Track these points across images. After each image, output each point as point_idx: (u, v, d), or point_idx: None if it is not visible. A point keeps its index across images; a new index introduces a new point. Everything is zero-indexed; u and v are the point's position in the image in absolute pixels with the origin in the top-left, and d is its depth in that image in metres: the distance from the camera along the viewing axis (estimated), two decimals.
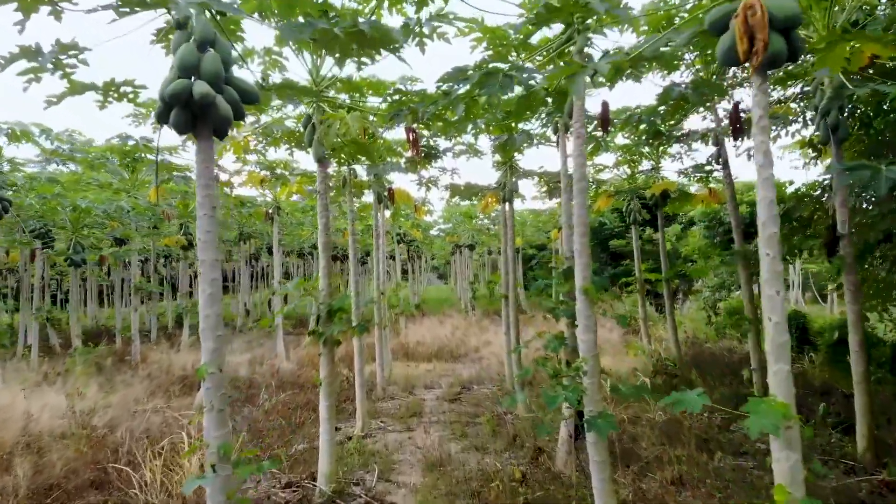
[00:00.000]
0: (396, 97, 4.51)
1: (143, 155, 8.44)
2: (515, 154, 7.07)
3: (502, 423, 6.63)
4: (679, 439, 5.62)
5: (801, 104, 7.41)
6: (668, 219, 17.12)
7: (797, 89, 7.33)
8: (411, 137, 4.92)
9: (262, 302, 25.18)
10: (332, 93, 4.88)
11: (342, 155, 5.52)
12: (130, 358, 11.44)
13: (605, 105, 4.20)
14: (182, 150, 9.14)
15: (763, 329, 2.58)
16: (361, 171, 8.99)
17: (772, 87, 6.70)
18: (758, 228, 2.47)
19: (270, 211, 11.79)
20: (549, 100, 4.62)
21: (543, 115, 5.62)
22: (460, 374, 9.98)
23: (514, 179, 7.12)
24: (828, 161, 6.38)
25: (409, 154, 5.08)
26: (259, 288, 26.14)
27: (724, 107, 7.38)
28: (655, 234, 16.01)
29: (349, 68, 7.11)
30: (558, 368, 3.78)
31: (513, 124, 5.54)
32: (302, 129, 4.92)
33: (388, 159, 6.55)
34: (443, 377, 9.85)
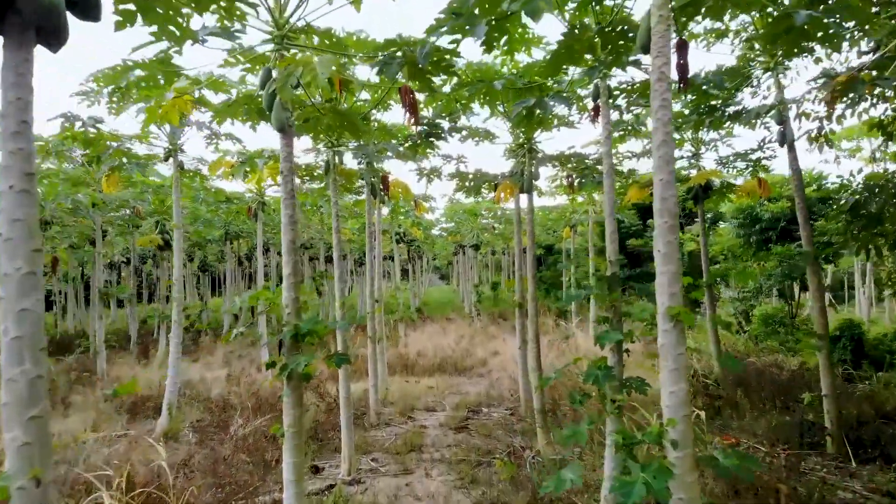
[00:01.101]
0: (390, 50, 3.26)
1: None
2: (535, 136, 5.81)
3: (521, 464, 5.37)
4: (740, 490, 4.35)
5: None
6: (689, 216, 15.80)
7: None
8: (408, 100, 3.66)
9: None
10: (303, 43, 3.63)
11: (319, 130, 4.26)
12: (97, 373, 10.22)
13: (683, 46, 2.93)
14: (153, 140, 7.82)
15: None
16: (354, 162, 7.74)
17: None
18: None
19: (254, 206, 10.54)
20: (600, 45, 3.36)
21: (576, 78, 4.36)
22: (467, 393, 8.72)
23: (534, 165, 5.85)
24: None
25: (407, 124, 3.82)
26: (253, 290, 24.94)
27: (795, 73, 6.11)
28: (682, 233, 14.71)
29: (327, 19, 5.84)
30: (626, 432, 2.51)
31: (546, 82, 4.27)
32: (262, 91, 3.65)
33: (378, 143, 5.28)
34: (447, 396, 8.60)
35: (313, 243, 16.31)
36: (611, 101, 4.22)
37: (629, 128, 6.87)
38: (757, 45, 6.20)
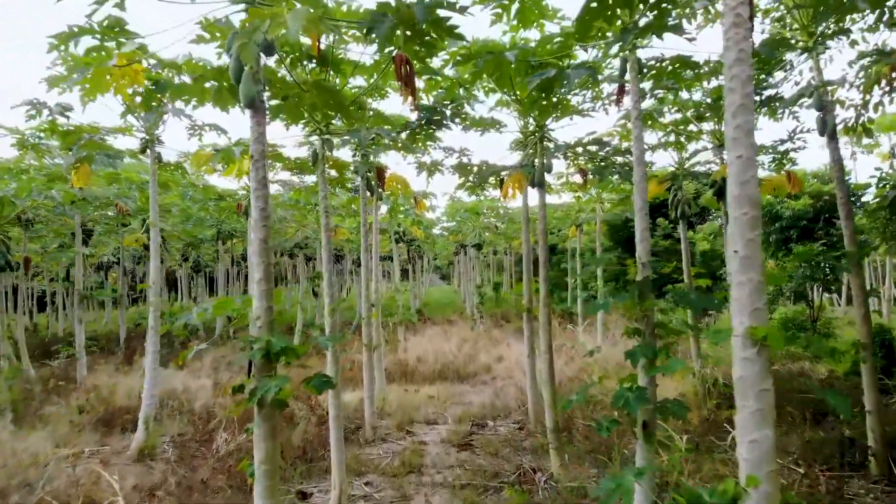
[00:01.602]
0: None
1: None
2: (548, 123, 5.20)
3: (533, 489, 4.78)
4: None
5: None
6: (699, 213, 15.20)
7: None
8: (403, 72, 3.07)
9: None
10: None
11: (301, 110, 3.67)
12: (77, 381, 9.64)
13: None
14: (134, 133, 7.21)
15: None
16: (349, 154, 7.15)
17: None
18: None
19: (245, 203, 9.94)
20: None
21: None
22: (470, 403, 8.13)
23: (546, 156, 5.25)
24: None
25: (404, 101, 3.22)
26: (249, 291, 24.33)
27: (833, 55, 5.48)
28: (692, 232, 14.17)
29: None
30: (692, 491, 1.91)
31: (561, 62, 3.67)
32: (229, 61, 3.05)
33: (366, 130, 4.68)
34: (449, 406, 8.01)
35: (308, 243, 15.72)
36: (640, 75, 3.62)
37: (649, 114, 6.27)
38: (792, 23, 5.60)
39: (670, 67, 3.82)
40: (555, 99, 4.28)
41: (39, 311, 28.01)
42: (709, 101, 6.90)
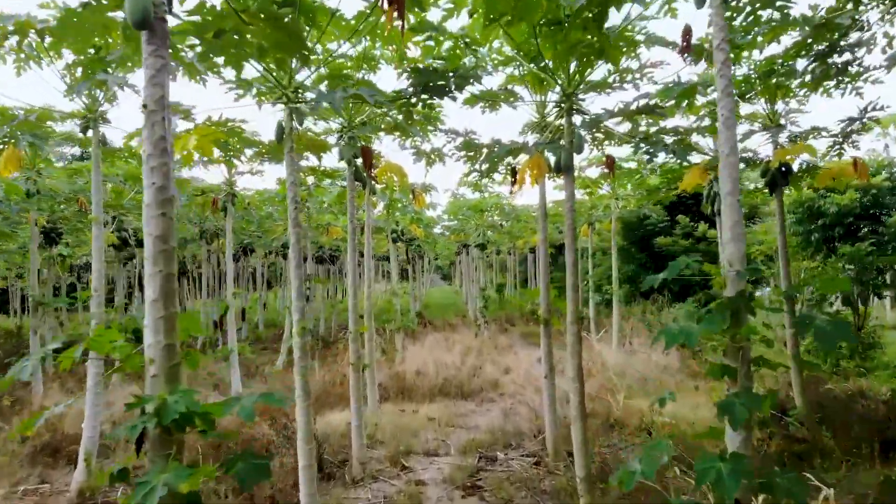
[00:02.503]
0: None
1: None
2: (579, 91, 4.12)
3: None
4: None
5: None
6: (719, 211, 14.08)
7: None
8: None
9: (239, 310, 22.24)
10: None
11: (242, 53, 2.59)
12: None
13: None
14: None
15: None
16: (338, 147, 6.06)
17: None
18: None
19: (221, 198, 8.88)
20: None
21: None
22: (476, 427, 7.05)
23: (576, 134, 4.17)
24: None
25: (388, 23, 2.15)
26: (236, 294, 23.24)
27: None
28: (713, 230, 13.01)
29: None
30: None
31: None
32: None
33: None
34: (451, 431, 6.93)
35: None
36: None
37: (692, 88, 5.18)
38: None
39: None
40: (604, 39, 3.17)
41: (24, 312, 26.97)
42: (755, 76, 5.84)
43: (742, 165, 6.63)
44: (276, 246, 14.23)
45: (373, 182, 7.05)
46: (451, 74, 3.98)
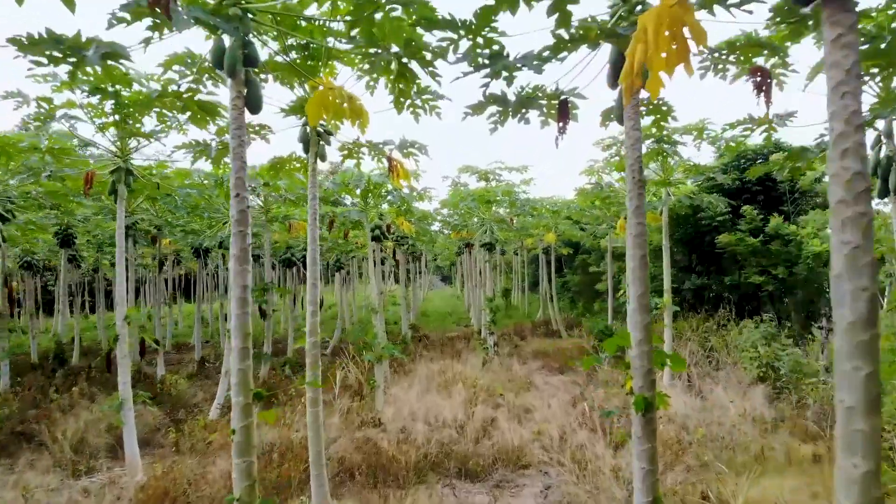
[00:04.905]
0: None
1: None
2: None
3: None
4: None
5: None
6: (775, 198, 11.10)
7: None
8: None
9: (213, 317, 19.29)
10: None
11: None
12: None
13: None
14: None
15: None
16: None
17: None
18: None
19: (111, 176, 5.98)
20: None
21: None
22: None
23: None
24: None
25: None
26: (210, 299, 20.37)
27: None
28: (789, 224, 10.04)
29: None
30: None
31: None
32: None
33: None
34: None
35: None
36: None
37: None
38: None
39: None
40: None
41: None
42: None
43: None
44: (212, 245, 11.30)
45: (323, 138, 4.19)
46: None
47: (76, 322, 13.58)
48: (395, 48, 3.01)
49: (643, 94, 2.88)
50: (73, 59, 2.79)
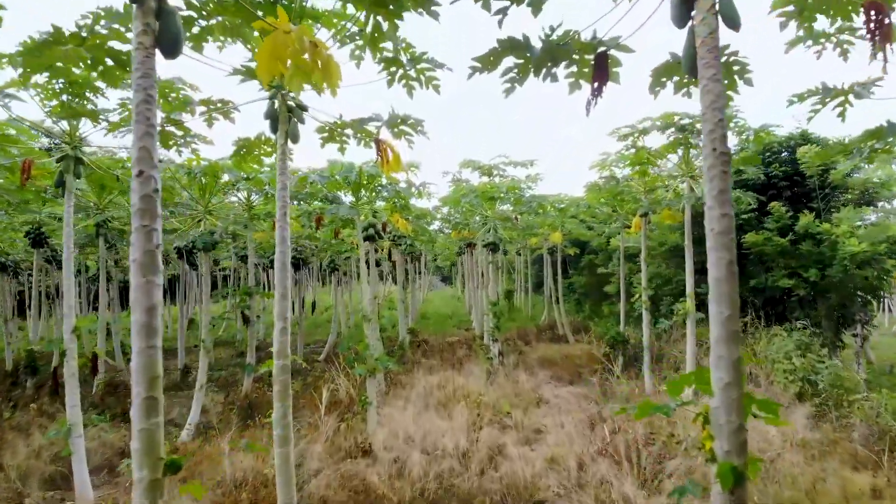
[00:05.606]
0: None
1: None
2: None
3: None
4: None
5: None
6: (806, 193, 10.25)
7: None
8: None
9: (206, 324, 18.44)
10: None
11: None
12: None
13: None
14: None
15: None
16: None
17: None
18: None
19: (57, 164, 5.16)
20: None
21: None
22: None
23: None
24: None
25: None
26: (199, 300, 19.48)
27: None
28: (819, 221, 9.20)
29: None
30: None
31: None
32: None
33: None
34: None
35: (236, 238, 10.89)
36: None
37: None
38: None
39: None
40: None
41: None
42: None
43: None
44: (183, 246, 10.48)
45: (294, 112, 3.38)
46: None
47: (55, 327, 12.76)
48: None
49: (723, 32, 2.03)
50: None
